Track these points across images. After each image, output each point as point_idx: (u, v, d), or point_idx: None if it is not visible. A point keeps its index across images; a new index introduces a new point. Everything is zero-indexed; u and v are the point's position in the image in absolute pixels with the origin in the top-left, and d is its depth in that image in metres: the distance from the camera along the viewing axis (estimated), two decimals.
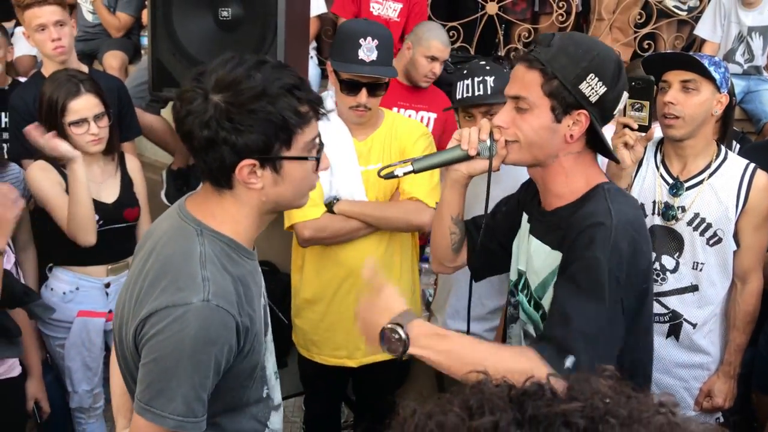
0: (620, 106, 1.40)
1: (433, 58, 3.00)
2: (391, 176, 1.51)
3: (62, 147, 2.24)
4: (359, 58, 2.03)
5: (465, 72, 2.10)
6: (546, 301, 1.46)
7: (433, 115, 3.16)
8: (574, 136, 1.37)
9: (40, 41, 2.59)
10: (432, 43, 2.99)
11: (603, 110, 1.37)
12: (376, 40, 2.04)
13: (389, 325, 1.30)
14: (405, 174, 1.50)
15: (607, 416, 0.55)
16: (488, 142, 1.44)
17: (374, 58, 2.04)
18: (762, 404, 2.37)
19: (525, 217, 1.59)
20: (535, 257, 1.49)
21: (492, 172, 1.47)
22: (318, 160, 1.26)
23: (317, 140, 1.25)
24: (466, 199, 1.62)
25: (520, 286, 1.58)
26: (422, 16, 3.66)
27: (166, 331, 1.15)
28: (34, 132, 2.27)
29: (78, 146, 2.29)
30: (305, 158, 1.22)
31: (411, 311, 1.34)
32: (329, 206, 2.13)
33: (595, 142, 1.42)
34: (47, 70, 2.64)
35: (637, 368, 1.49)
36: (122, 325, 1.27)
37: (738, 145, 3.09)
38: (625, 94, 1.39)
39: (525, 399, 0.57)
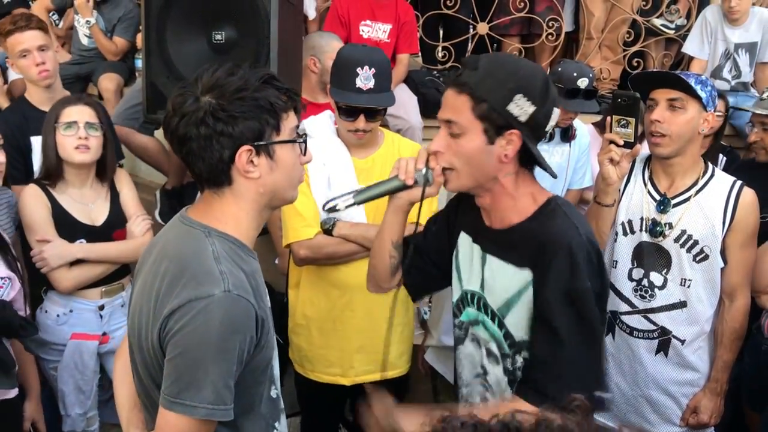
0: (552, 122, 1.41)
1: None
2: (333, 210, 1.53)
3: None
4: (356, 86, 2.06)
5: None
6: (510, 320, 1.47)
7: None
8: (509, 156, 1.39)
9: (24, 66, 2.60)
10: (335, 45, 2.91)
11: (534, 128, 1.38)
12: (373, 69, 2.07)
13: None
14: (347, 207, 1.53)
15: None
16: (424, 170, 1.48)
17: (371, 86, 2.07)
18: (752, 421, 2.37)
19: (466, 237, 1.59)
20: (498, 277, 1.49)
21: (427, 198, 1.51)
22: (305, 143, 1.34)
23: (298, 130, 1.34)
24: None
25: (473, 306, 1.57)
26: (413, 35, 3.69)
27: (192, 323, 1.18)
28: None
29: (66, 156, 2.30)
30: (294, 141, 1.32)
31: None
32: (327, 229, 2.14)
33: (530, 159, 1.44)
34: (31, 95, 2.66)
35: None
36: (141, 329, 1.29)
37: (724, 159, 3.13)
38: (556, 110, 1.41)
39: None
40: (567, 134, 2.81)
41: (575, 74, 2.68)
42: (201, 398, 1.18)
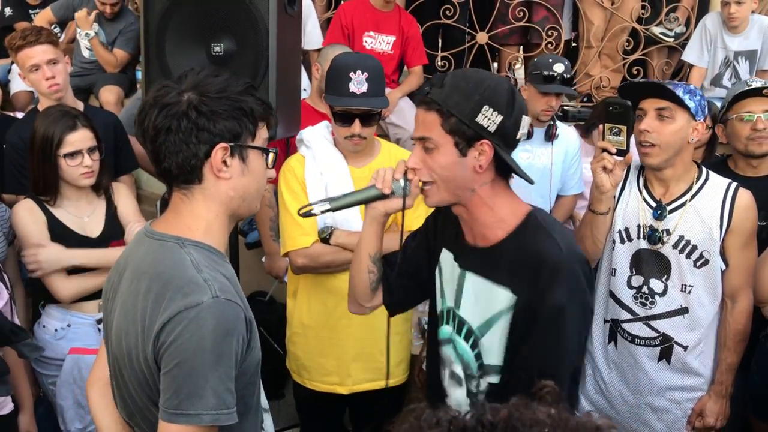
0: (523, 129, 1.44)
1: None
2: (309, 215, 1.54)
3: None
4: (350, 91, 2.08)
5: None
6: (487, 340, 1.47)
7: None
8: (483, 166, 1.42)
9: (35, 81, 2.64)
10: (337, 52, 2.91)
11: (504, 137, 1.41)
12: (366, 73, 2.09)
13: None
14: (323, 212, 1.54)
15: None
16: (402, 182, 1.51)
17: (365, 90, 2.09)
18: (759, 429, 2.35)
19: (447, 253, 1.59)
20: (480, 295, 1.49)
21: (406, 209, 1.53)
22: (276, 156, 1.36)
23: (269, 142, 1.36)
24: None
25: (450, 324, 1.57)
26: (420, 46, 3.72)
27: (185, 333, 1.18)
28: None
29: (70, 179, 2.31)
30: (267, 150, 1.35)
31: None
32: (325, 238, 2.14)
33: (505, 168, 1.47)
34: (43, 107, 2.67)
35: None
36: (130, 352, 1.27)
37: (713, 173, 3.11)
38: (525, 118, 1.43)
39: None
40: (548, 134, 2.84)
41: (550, 60, 2.80)
42: (203, 405, 1.18)
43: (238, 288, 1.32)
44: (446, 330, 1.58)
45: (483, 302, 1.48)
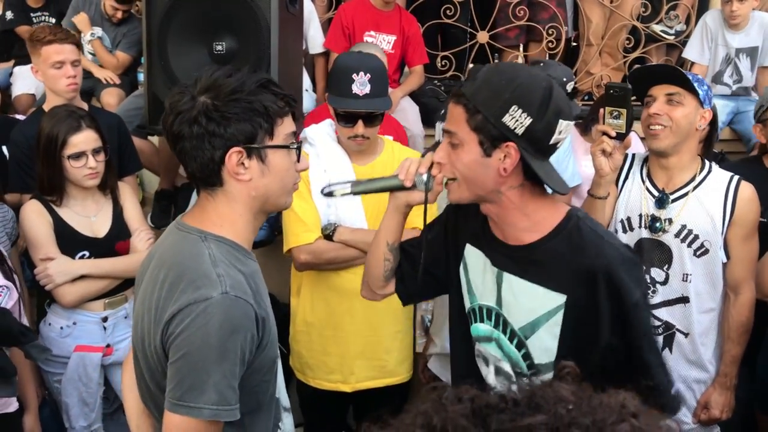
0: (561, 135, 1.34)
1: None
2: (330, 195, 1.54)
3: None
4: (353, 92, 2.09)
5: None
6: (533, 342, 1.43)
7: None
8: (507, 170, 1.33)
9: (54, 76, 2.64)
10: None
11: (533, 141, 1.32)
12: (368, 74, 2.10)
13: None
14: (343, 195, 1.53)
15: (572, 427, 0.54)
16: (425, 177, 1.46)
17: (367, 92, 2.10)
18: (764, 425, 2.35)
19: (475, 249, 1.53)
20: (520, 297, 1.44)
21: (428, 204, 1.49)
22: (299, 150, 1.34)
23: (295, 136, 1.34)
24: None
25: (489, 323, 1.53)
26: (420, 46, 3.72)
27: (192, 326, 1.20)
28: None
29: (75, 180, 2.32)
30: (287, 147, 1.31)
31: None
32: (328, 234, 2.15)
33: (534, 174, 1.36)
34: (50, 106, 2.67)
35: None
36: (144, 338, 1.30)
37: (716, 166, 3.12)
38: (563, 123, 1.34)
39: (489, 413, 0.57)
40: None
41: (564, 79, 2.75)
42: (205, 399, 1.19)
43: (258, 285, 1.32)
44: (484, 328, 1.53)
45: (525, 304, 1.43)
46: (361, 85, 2.09)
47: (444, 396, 0.60)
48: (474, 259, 1.54)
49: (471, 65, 4.09)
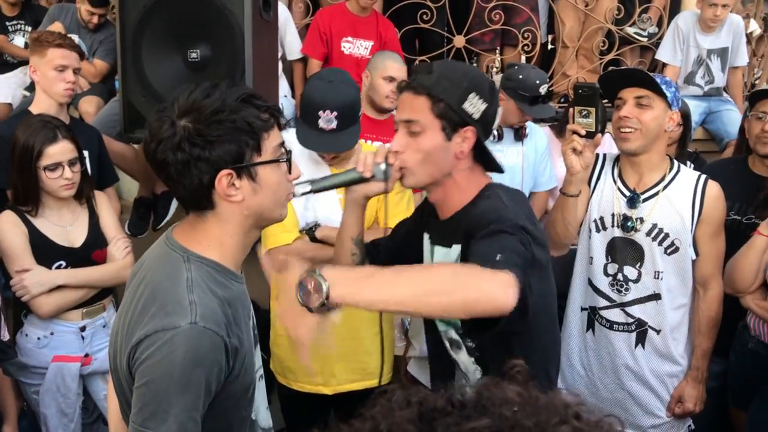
0: (498, 120, 1.49)
1: (391, 79, 3.02)
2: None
3: None
4: (319, 126, 2.08)
5: None
6: None
7: None
8: (464, 152, 1.49)
9: (53, 78, 2.62)
10: (387, 64, 3.03)
11: (485, 125, 1.50)
12: (335, 112, 2.06)
13: (305, 273, 1.24)
14: (303, 194, 1.54)
15: (515, 429, 0.55)
16: (383, 166, 1.54)
17: (333, 127, 2.07)
18: (738, 419, 2.40)
19: (426, 236, 1.66)
20: (444, 261, 1.56)
21: (381, 194, 1.58)
22: (289, 161, 1.31)
23: (284, 146, 1.30)
24: None
25: None
26: (396, 50, 3.73)
27: (156, 354, 1.17)
28: None
29: (50, 191, 2.30)
30: (277, 161, 1.27)
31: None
32: (311, 232, 2.16)
33: (481, 156, 1.53)
34: (40, 109, 2.66)
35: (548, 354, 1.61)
36: (117, 352, 1.29)
37: (692, 165, 3.17)
38: (499, 109, 1.52)
39: (435, 417, 0.57)
40: (519, 134, 2.88)
41: (537, 82, 2.75)
42: (165, 429, 1.17)
43: (237, 310, 1.28)
44: None
45: None
46: (327, 121, 2.07)
47: (393, 399, 0.60)
48: (425, 244, 1.66)
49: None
